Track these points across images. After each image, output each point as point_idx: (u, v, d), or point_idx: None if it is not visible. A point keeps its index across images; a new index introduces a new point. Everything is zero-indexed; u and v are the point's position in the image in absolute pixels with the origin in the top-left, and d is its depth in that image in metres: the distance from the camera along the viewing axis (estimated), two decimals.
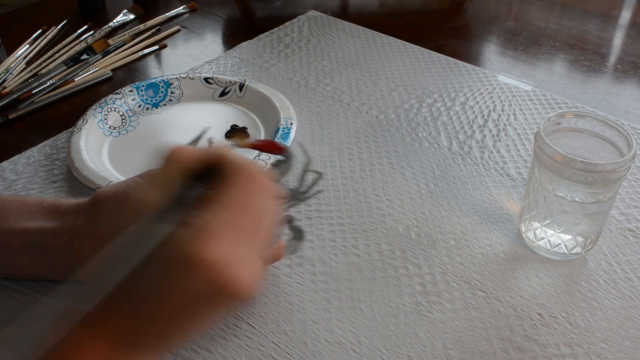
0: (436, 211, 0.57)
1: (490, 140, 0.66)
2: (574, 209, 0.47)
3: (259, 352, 0.44)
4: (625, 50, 0.88)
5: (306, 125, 0.69)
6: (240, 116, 0.71)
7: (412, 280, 0.49)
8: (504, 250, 0.52)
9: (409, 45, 0.86)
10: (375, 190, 0.59)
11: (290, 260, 0.51)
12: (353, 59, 0.82)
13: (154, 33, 0.91)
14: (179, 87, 0.73)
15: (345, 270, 0.50)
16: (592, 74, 0.81)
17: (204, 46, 0.88)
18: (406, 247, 0.53)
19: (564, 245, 0.50)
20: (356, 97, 0.74)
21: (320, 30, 0.90)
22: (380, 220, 0.55)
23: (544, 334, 0.45)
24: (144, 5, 1.00)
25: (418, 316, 0.46)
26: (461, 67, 0.80)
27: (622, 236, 0.54)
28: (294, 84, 0.77)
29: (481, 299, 0.48)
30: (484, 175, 0.61)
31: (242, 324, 0.46)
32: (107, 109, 0.68)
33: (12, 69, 0.81)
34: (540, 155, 0.47)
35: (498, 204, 0.58)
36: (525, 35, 0.91)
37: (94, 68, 0.82)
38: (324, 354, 0.44)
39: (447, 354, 0.44)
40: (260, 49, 0.85)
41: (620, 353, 0.44)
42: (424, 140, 0.66)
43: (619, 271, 0.50)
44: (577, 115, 0.50)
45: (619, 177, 0.45)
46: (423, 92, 0.75)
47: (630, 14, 1.01)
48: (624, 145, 0.47)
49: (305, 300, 0.48)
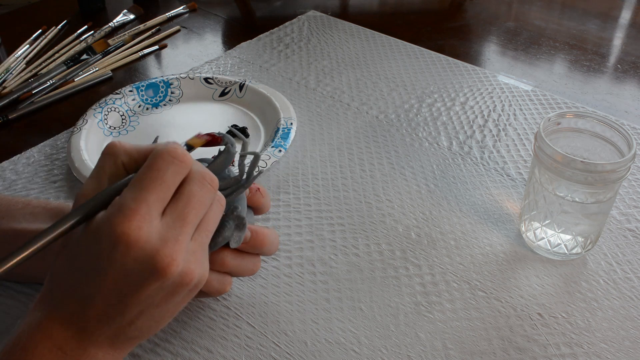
0: (436, 211, 0.57)
1: (490, 140, 0.66)
2: (574, 209, 0.47)
3: (259, 352, 0.44)
4: (625, 50, 0.88)
5: (306, 125, 0.69)
6: (240, 116, 0.71)
7: (412, 280, 0.49)
8: (504, 250, 0.52)
9: (409, 45, 0.86)
10: (375, 190, 0.59)
11: (290, 260, 0.51)
12: (353, 59, 0.82)
13: (154, 33, 0.91)
14: (179, 87, 0.73)
15: (345, 270, 0.50)
16: (592, 74, 0.81)
17: (204, 46, 0.88)
18: (406, 247, 0.53)
19: (564, 245, 0.50)
20: (356, 97, 0.74)
21: (320, 30, 0.90)
22: (380, 220, 0.55)
23: (544, 334, 0.45)
24: (144, 5, 1.00)
25: (418, 316, 0.46)
26: (461, 67, 0.80)
27: (622, 236, 0.54)
28: (294, 84, 0.77)
29: (481, 299, 0.48)
30: (484, 175, 0.61)
31: (242, 324, 0.46)
32: (107, 109, 0.68)
33: (12, 69, 0.81)
34: (540, 155, 0.47)
35: (498, 204, 0.58)
36: (525, 35, 0.91)
37: (94, 68, 0.82)
38: (324, 354, 0.44)
39: (447, 354, 0.44)
40: (260, 49, 0.85)
41: (620, 353, 0.44)
42: (424, 140, 0.66)
43: (619, 271, 0.50)
44: (577, 115, 0.50)
45: (619, 177, 0.45)
46: (423, 92, 0.75)
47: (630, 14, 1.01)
48: (624, 145, 0.47)
49: (305, 300, 0.48)
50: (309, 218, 0.56)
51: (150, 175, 0.33)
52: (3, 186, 0.60)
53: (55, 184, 0.60)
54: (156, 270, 0.32)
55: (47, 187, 0.60)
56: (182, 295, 0.35)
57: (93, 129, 0.66)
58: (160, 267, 0.32)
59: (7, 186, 0.60)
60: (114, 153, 0.36)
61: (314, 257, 0.52)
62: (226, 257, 0.43)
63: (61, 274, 0.34)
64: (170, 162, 0.34)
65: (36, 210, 0.46)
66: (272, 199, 0.58)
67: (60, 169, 0.62)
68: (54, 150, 0.65)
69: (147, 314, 0.34)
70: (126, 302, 0.33)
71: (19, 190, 0.59)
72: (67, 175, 0.61)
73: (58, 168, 0.62)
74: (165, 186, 0.33)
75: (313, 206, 0.57)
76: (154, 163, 0.34)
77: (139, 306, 0.33)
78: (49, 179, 0.61)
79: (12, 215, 0.45)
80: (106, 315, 0.33)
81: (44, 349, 0.32)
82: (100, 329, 0.33)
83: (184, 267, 0.33)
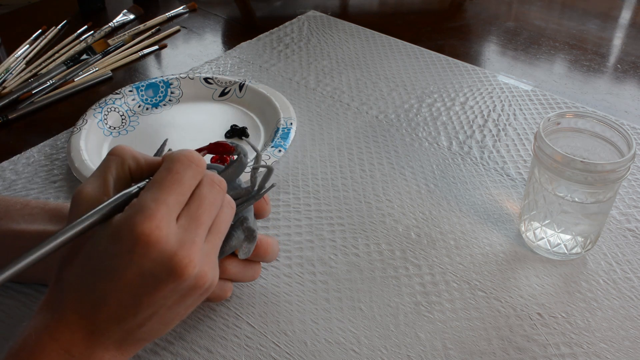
0: (436, 211, 0.57)
1: (490, 140, 0.66)
2: (573, 209, 0.47)
3: (259, 352, 0.44)
4: (625, 50, 0.88)
5: (306, 125, 0.69)
6: (240, 116, 0.71)
7: (412, 280, 0.49)
8: (504, 250, 0.52)
9: (409, 45, 0.86)
10: (375, 190, 0.59)
11: (290, 260, 0.51)
12: (353, 59, 0.82)
13: (154, 33, 0.91)
14: (178, 87, 0.73)
15: (345, 270, 0.50)
16: (592, 74, 0.81)
17: (204, 46, 0.88)
18: (406, 247, 0.53)
19: (564, 245, 0.50)
20: (356, 97, 0.74)
21: (320, 30, 0.90)
22: (380, 220, 0.55)
23: (543, 334, 0.45)
24: (144, 5, 1.00)
25: (418, 316, 0.46)
26: (461, 67, 0.80)
27: (622, 236, 0.54)
28: (294, 84, 0.77)
29: (481, 299, 0.48)
30: (483, 175, 0.61)
31: (242, 324, 0.46)
32: (107, 109, 0.69)
33: (12, 69, 0.81)
34: (540, 155, 0.47)
35: (498, 204, 0.58)
36: (525, 35, 0.91)
37: (94, 68, 0.82)
38: (324, 354, 0.44)
39: (447, 354, 0.44)
40: (260, 49, 0.85)
41: (620, 353, 0.44)
42: (424, 140, 0.66)
43: (619, 271, 0.50)
44: (577, 115, 0.50)
45: (618, 177, 0.45)
46: (423, 92, 0.75)
47: (630, 14, 1.01)
48: (624, 145, 0.47)
49: (305, 300, 0.48)
50: (308, 218, 0.56)
51: (170, 177, 0.34)
52: (3, 186, 0.60)
53: (55, 184, 0.60)
54: (174, 271, 0.32)
55: (47, 187, 0.60)
56: (193, 298, 0.35)
57: (93, 129, 0.66)
58: (178, 269, 0.32)
59: (7, 186, 0.60)
60: (121, 155, 0.36)
61: (314, 257, 0.52)
62: (228, 264, 0.43)
63: (73, 276, 0.34)
64: (188, 166, 0.34)
65: (35, 211, 0.46)
66: (272, 199, 0.58)
67: (60, 169, 0.62)
68: (54, 150, 0.65)
69: (158, 315, 0.34)
70: (140, 303, 0.33)
71: (19, 190, 0.59)
72: (67, 175, 0.61)
73: (58, 168, 0.62)
74: (183, 189, 0.34)
75: (313, 206, 0.57)
76: (173, 166, 0.34)
77: (152, 308, 0.33)
78: (49, 179, 0.61)
79: (10, 216, 0.45)
80: (118, 316, 0.33)
81: (51, 352, 0.32)
82: (110, 330, 0.33)
83: (199, 270, 0.33)
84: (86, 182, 0.35)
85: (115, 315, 0.33)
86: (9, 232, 0.44)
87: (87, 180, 0.36)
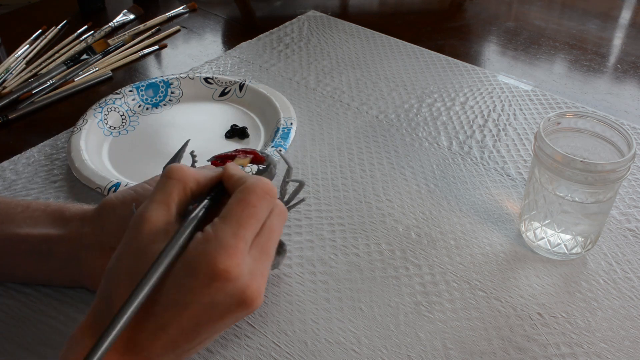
0: (436, 211, 0.57)
1: (490, 140, 0.66)
2: (574, 209, 0.47)
3: (259, 352, 0.44)
4: (625, 50, 0.88)
5: (306, 125, 0.69)
6: (240, 116, 0.71)
7: (412, 280, 0.49)
8: (504, 250, 0.52)
9: (409, 45, 0.86)
10: (375, 190, 0.59)
11: (290, 260, 0.51)
12: (353, 59, 0.82)
13: (154, 33, 0.91)
14: (179, 87, 0.73)
15: (345, 270, 0.50)
16: (592, 74, 0.81)
17: (204, 46, 0.88)
18: (406, 247, 0.53)
19: (564, 245, 0.50)
20: (356, 97, 0.74)
21: (320, 30, 0.90)
22: (380, 220, 0.55)
23: (544, 333, 0.45)
24: (144, 5, 1.00)
25: (418, 316, 0.46)
26: (461, 67, 0.80)
27: (622, 236, 0.54)
28: (294, 84, 0.77)
29: (481, 299, 0.48)
30: (484, 175, 0.61)
31: (242, 324, 0.46)
32: (107, 109, 0.69)
33: (12, 69, 0.81)
34: (540, 155, 0.47)
35: (498, 204, 0.58)
36: (525, 35, 0.91)
37: (94, 68, 0.82)
38: (324, 354, 0.44)
39: (447, 354, 0.44)
40: (260, 49, 0.85)
41: (620, 353, 0.44)
42: (424, 140, 0.66)
43: (619, 271, 0.50)
44: (577, 115, 0.50)
45: (618, 177, 0.45)
46: (423, 92, 0.75)
47: (630, 14, 1.01)
48: (624, 145, 0.47)
49: (305, 300, 0.48)
50: (309, 218, 0.56)
51: (248, 212, 0.33)
52: (3, 186, 0.60)
53: (55, 184, 0.60)
54: (244, 302, 0.32)
55: (47, 187, 0.60)
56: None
57: (93, 129, 0.66)
58: (249, 301, 0.32)
59: (7, 186, 0.60)
60: (182, 179, 0.35)
61: (314, 257, 0.52)
62: None
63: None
64: (262, 198, 0.34)
65: (36, 214, 0.45)
66: None
67: (60, 169, 0.62)
68: (54, 150, 0.65)
69: (211, 338, 0.34)
70: (201, 331, 0.33)
71: (19, 190, 0.59)
72: (67, 175, 0.61)
73: (58, 168, 0.62)
74: (259, 222, 0.34)
75: (313, 206, 0.57)
76: (249, 199, 0.34)
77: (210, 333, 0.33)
78: (49, 179, 0.61)
79: (12, 220, 0.45)
80: (174, 343, 0.32)
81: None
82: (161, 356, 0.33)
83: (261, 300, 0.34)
84: (148, 208, 0.34)
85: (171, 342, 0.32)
86: (14, 236, 0.44)
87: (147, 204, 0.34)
